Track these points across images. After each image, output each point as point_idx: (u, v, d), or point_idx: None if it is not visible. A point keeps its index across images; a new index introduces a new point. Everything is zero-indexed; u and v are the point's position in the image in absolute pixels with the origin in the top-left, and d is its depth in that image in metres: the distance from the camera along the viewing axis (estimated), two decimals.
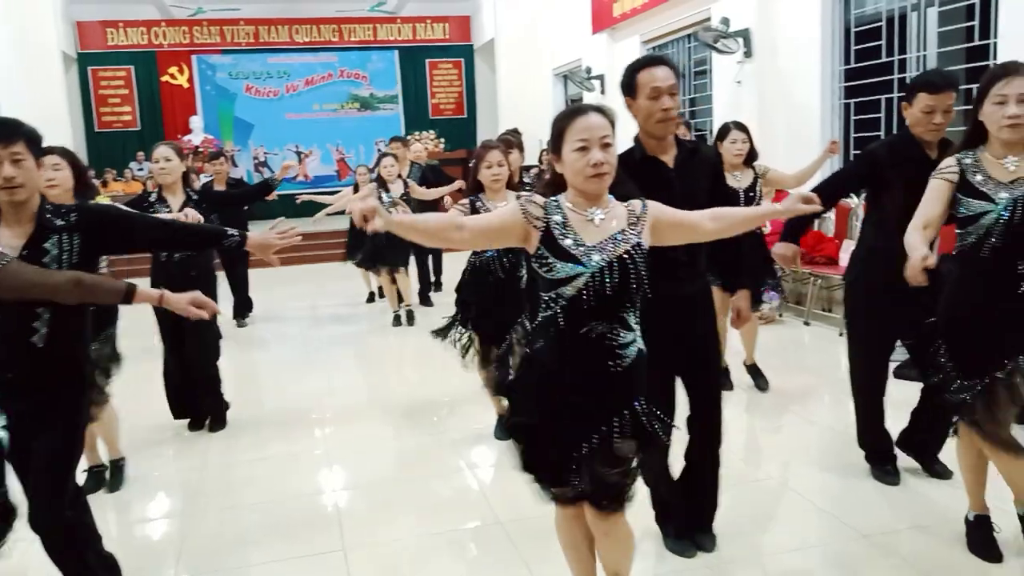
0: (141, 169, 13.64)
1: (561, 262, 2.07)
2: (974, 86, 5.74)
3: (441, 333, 4.26)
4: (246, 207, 7.52)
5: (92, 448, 3.80)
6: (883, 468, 3.44)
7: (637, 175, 2.41)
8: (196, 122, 15.54)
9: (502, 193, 3.87)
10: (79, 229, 2.40)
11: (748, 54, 7.84)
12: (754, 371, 4.89)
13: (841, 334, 5.99)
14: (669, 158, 2.66)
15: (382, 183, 6.92)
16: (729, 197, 2.90)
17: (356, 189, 7.77)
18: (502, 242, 2.23)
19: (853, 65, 6.90)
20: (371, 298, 8.42)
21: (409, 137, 12.88)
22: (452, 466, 3.98)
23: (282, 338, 7.44)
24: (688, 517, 2.95)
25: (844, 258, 5.83)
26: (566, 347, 2.10)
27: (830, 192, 3.24)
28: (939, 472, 3.40)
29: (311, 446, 4.37)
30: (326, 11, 15.95)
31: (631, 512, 2.24)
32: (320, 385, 5.53)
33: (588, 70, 11.31)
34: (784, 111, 7.46)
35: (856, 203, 6.49)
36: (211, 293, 4.44)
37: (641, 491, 2.35)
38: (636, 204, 2.17)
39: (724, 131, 4.62)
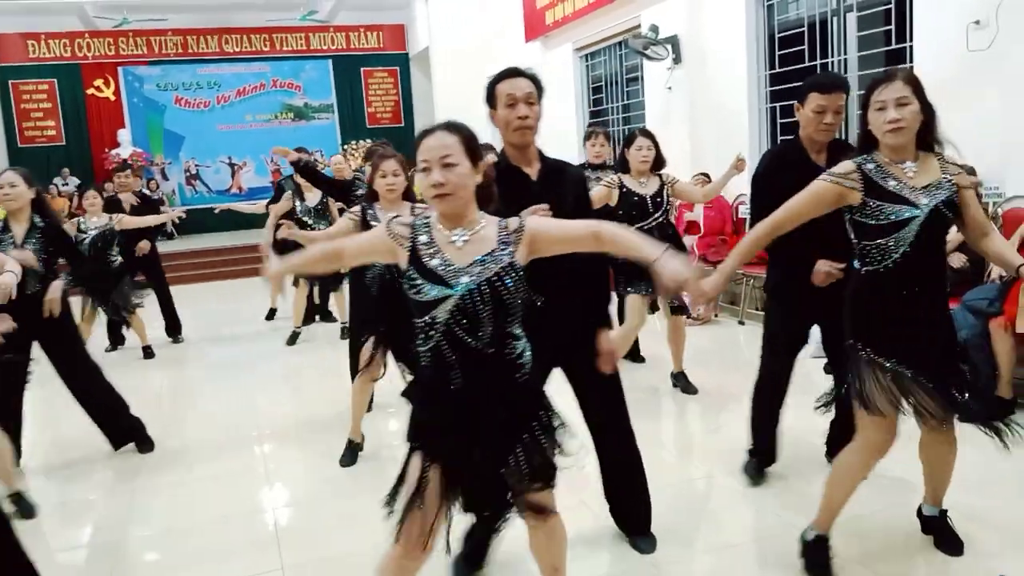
0: (66, 184, 13.21)
1: (429, 283, 2.04)
2: None
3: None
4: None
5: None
6: (759, 469, 3.54)
7: (499, 184, 2.37)
8: (124, 135, 15.13)
9: (398, 204, 3.83)
10: None
11: (677, 60, 7.99)
12: (682, 379, 4.94)
13: None
14: (532, 171, 2.68)
15: (299, 192, 6.84)
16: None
17: (276, 198, 7.66)
18: (379, 259, 2.26)
19: (778, 70, 7.09)
20: (271, 315, 8.29)
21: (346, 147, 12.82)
22: (386, 479, 3.90)
23: (206, 356, 7.29)
24: (623, 524, 3.00)
25: None
26: (459, 375, 2.06)
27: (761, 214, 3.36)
28: None
29: (242, 466, 4.27)
30: (256, 20, 15.71)
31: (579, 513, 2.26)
32: (246, 403, 5.43)
33: None
34: (713, 115, 7.62)
35: None
36: (68, 318, 4.24)
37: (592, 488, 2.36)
38: (512, 222, 2.12)
39: (630, 138, 4.65)
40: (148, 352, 7.00)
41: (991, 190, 4.93)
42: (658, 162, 4.62)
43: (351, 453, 4.08)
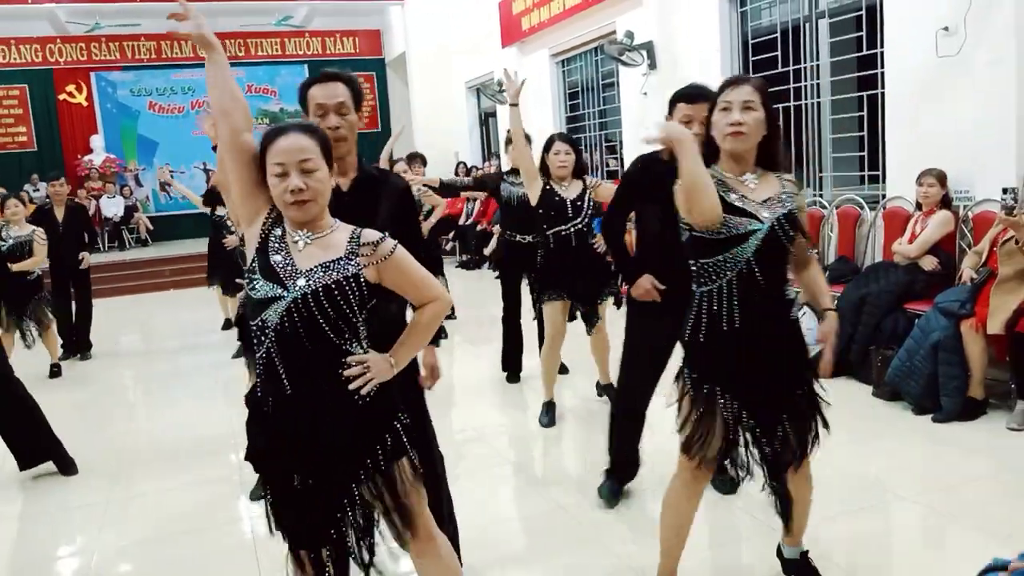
0: (37, 190, 13.00)
1: (264, 280, 1.92)
2: (864, 93, 6.01)
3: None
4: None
5: None
6: (618, 483, 3.49)
7: None
8: (97, 141, 14.95)
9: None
10: None
11: (652, 66, 8.04)
12: (610, 390, 4.61)
13: None
14: (345, 181, 2.44)
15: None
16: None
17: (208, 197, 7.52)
18: (247, 203, 2.03)
19: (752, 75, 7.15)
20: (227, 325, 8.07)
21: None
22: (231, 516, 3.78)
23: (177, 363, 7.22)
24: None
25: None
26: (292, 393, 1.93)
27: (616, 223, 3.42)
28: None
29: (216, 475, 4.23)
30: (230, 25, 15.57)
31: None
32: (218, 411, 5.32)
33: (500, 83, 11.37)
34: None
35: None
36: None
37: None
38: (368, 234, 1.99)
39: (548, 143, 4.52)
40: (56, 370, 6.71)
41: (961, 194, 5.00)
42: (579, 168, 4.52)
43: (263, 486, 3.84)
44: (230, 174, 2.05)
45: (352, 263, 1.95)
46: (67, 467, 4.36)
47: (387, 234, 2.04)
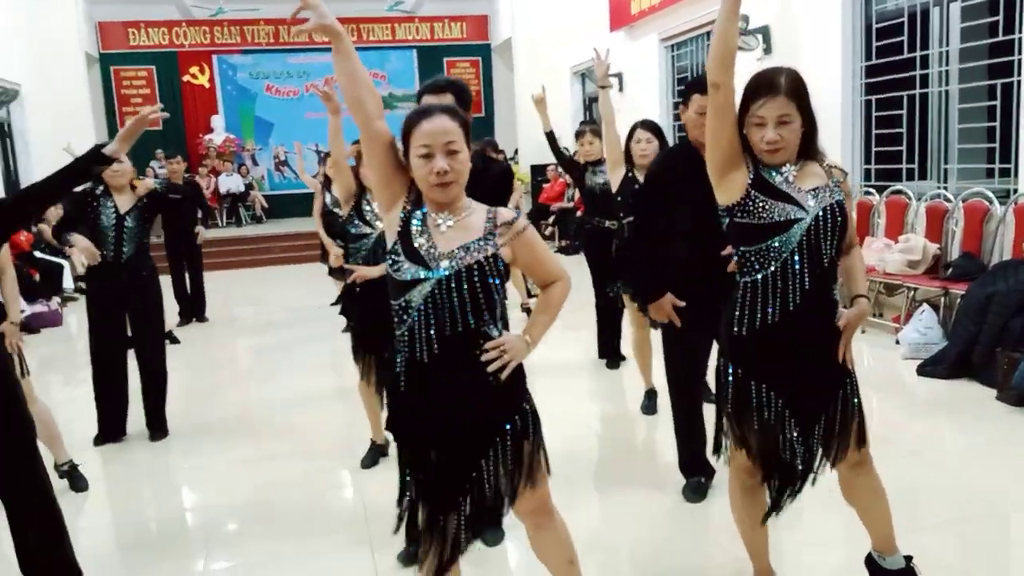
0: (163, 167, 13.76)
1: (409, 263, 1.99)
2: (997, 81, 5.68)
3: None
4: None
5: None
6: (696, 481, 3.41)
7: None
8: (217, 121, 15.67)
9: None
10: None
11: (768, 51, 7.81)
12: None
13: (863, 331, 5.98)
14: None
15: (328, 182, 6.82)
16: None
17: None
18: (387, 188, 2.09)
19: (874, 62, 6.86)
20: (339, 300, 8.33)
21: None
22: (342, 481, 3.96)
23: (240, 341, 7.55)
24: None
25: (867, 255, 5.79)
26: (430, 371, 2.00)
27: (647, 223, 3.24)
28: None
29: (330, 443, 4.41)
30: (345, 11, 15.98)
31: None
32: (327, 381, 5.56)
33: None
34: None
35: (878, 199, 6.46)
36: (159, 295, 4.63)
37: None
38: (503, 213, 2.07)
39: (631, 130, 4.38)
40: (173, 338, 7.07)
41: None
42: None
43: (372, 455, 4.00)
44: (367, 161, 2.13)
45: (490, 243, 2.01)
46: (158, 432, 4.64)
47: (519, 213, 2.11)
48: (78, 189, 3.45)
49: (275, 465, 4.14)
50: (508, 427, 2.06)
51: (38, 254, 9.44)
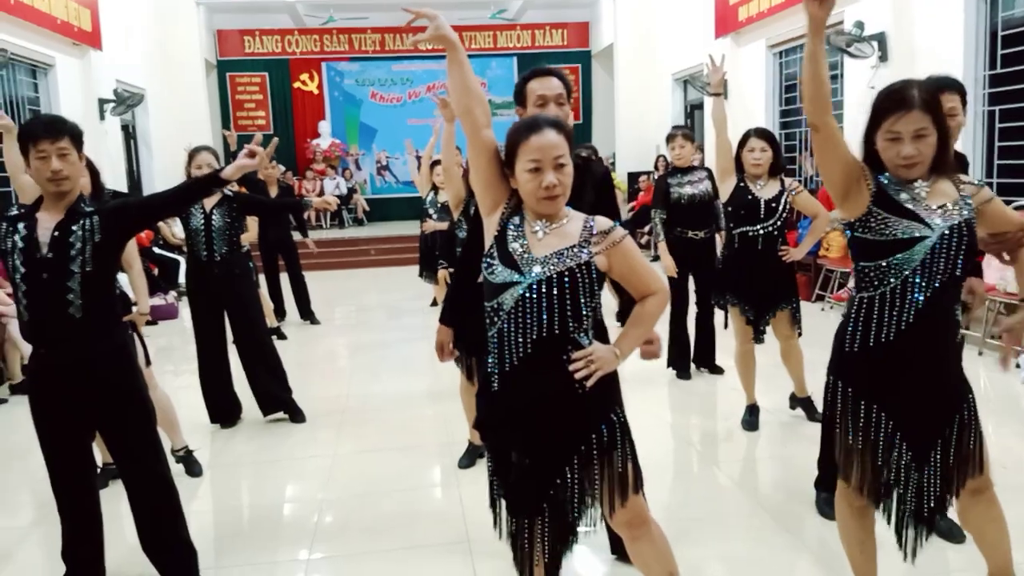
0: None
1: (503, 266, 2.02)
2: None
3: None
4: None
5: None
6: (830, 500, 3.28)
7: None
8: (324, 127, 16.20)
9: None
10: (99, 213, 2.66)
11: (883, 58, 7.54)
12: (807, 404, 4.48)
13: (980, 353, 5.67)
14: None
15: (436, 190, 6.79)
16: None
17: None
18: (488, 194, 2.13)
19: (999, 71, 6.51)
20: (435, 302, 8.40)
21: None
22: (440, 480, 4.03)
23: (340, 339, 7.70)
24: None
25: (988, 274, 5.50)
26: (518, 375, 2.02)
27: None
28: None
29: (430, 440, 4.49)
30: (449, 19, 15.68)
31: None
32: (421, 380, 5.66)
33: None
34: None
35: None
36: (252, 291, 4.93)
37: None
38: (601, 221, 2.07)
39: (744, 139, 4.25)
40: (279, 333, 7.40)
41: None
42: (777, 166, 4.24)
43: (470, 455, 4.04)
44: (472, 167, 2.17)
45: (585, 251, 2.02)
46: (297, 416, 4.90)
47: (617, 223, 2.09)
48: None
49: (375, 459, 4.26)
50: (594, 436, 2.06)
51: (156, 250, 9.98)
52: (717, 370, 5.52)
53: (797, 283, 4.49)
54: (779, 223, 4.18)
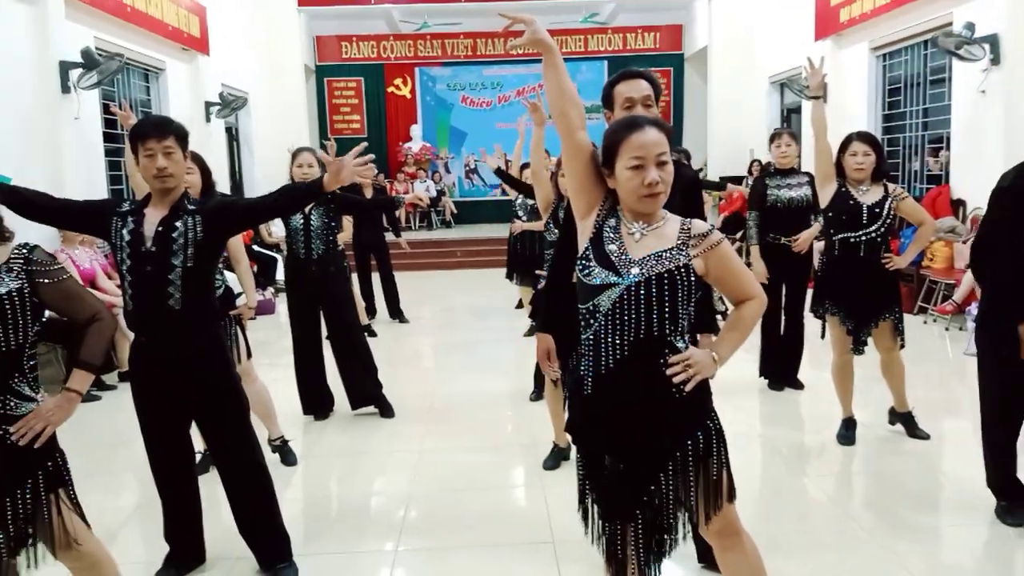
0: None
1: (600, 268, 2.01)
2: None
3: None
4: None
5: None
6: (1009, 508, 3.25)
7: None
8: (416, 130, 16.50)
9: None
10: (202, 212, 2.76)
11: (995, 61, 7.17)
12: (907, 420, 4.33)
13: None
14: None
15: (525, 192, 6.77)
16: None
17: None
18: (583, 197, 2.13)
19: None
20: (520, 304, 8.33)
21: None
22: (525, 480, 4.03)
23: (426, 339, 7.81)
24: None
25: None
26: (612, 377, 2.00)
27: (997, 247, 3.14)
28: None
29: (515, 441, 4.52)
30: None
31: None
32: (503, 383, 5.67)
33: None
34: None
35: None
36: (347, 289, 5.04)
37: None
38: (698, 225, 2.05)
39: (845, 142, 4.10)
40: (370, 331, 7.51)
41: None
42: (880, 171, 4.06)
43: (555, 457, 4.04)
44: (566, 170, 2.18)
45: (683, 253, 2.00)
46: (387, 411, 5.02)
47: (713, 226, 2.07)
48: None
49: (460, 457, 4.31)
50: (690, 443, 2.03)
51: (255, 248, 10.37)
52: (797, 385, 5.35)
53: (901, 293, 4.31)
54: (883, 229, 4.02)
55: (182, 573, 3.03)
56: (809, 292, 4.62)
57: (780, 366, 5.37)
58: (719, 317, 2.69)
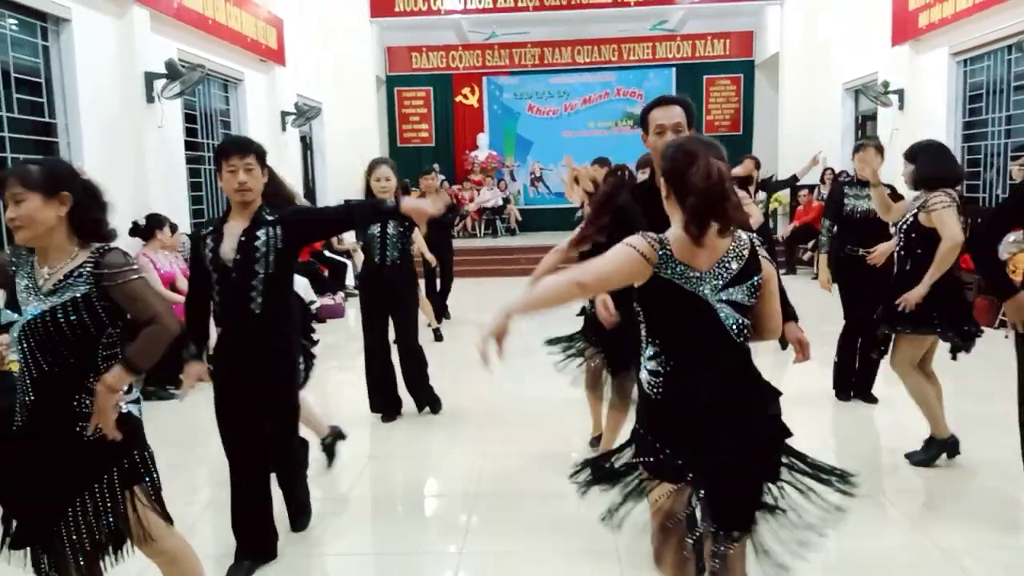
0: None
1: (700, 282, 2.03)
2: None
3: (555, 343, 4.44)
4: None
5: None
6: None
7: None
8: (482, 139, 16.64)
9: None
10: (280, 223, 2.99)
11: None
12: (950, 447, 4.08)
13: None
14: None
15: None
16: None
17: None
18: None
19: None
20: (582, 312, 8.36)
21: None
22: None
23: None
24: None
25: None
26: (704, 397, 2.01)
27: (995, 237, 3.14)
28: None
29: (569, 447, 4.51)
30: (608, 31, 16.34)
31: None
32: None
33: (885, 84, 10.52)
34: None
35: None
36: (415, 296, 5.25)
37: None
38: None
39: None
40: (438, 335, 7.78)
41: None
42: (922, 178, 3.93)
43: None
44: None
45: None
46: (435, 405, 5.22)
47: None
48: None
49: (523, 462, 4.32)
50: (781, 462, 2.09)
51: (327, 253, 10.60)
52: (871, 399, 5.18)
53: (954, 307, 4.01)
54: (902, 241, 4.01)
55: (253, 568, 3.12)
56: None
57: (854, 378, 5.22)
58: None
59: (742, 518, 2.03)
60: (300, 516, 3.42)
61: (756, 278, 2.03)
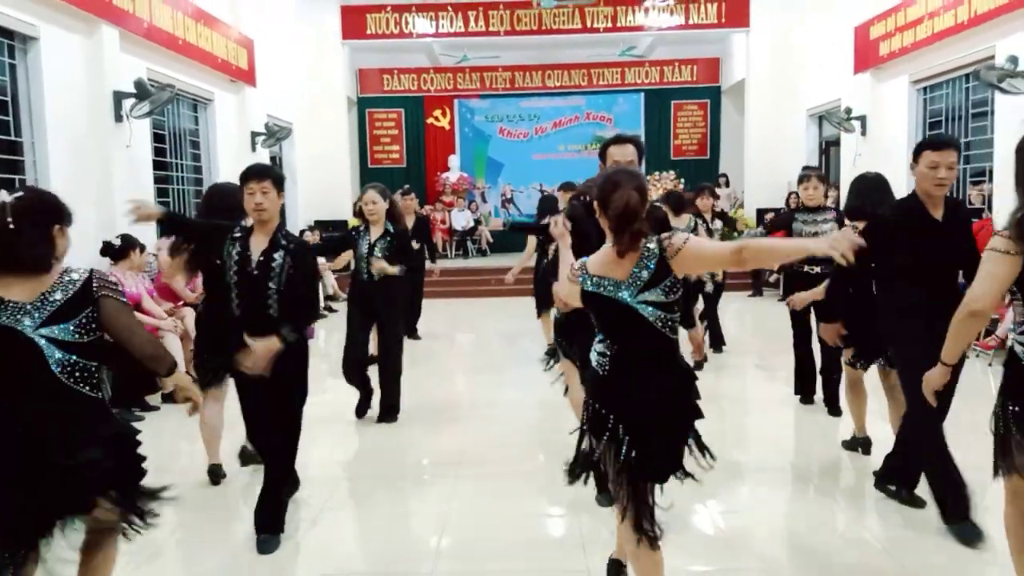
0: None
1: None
2: None
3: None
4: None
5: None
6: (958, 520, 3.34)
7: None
8: (453, 161, 16.71)
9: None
10: (292, 254, 3.42)
11: None
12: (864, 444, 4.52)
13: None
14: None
15: None
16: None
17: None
18: None
19: None
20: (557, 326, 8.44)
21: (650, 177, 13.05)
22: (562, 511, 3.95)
23: (456, 360, 7.77)
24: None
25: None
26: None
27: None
28: None
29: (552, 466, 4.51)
30: (578, 56, 16.56)
31: None
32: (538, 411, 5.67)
33: (848, 111, 10.78)
34: None
35: None
36: (398, 311, 5.55)
37: None
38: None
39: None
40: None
41: None
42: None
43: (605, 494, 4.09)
44: None
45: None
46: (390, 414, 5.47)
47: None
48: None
49: (496, 482, 4.30)
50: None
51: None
52: (838, 412, 5.30)
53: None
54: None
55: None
56: None
57: (812, 383, 5.58)
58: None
59: (661, 471, 2.50)
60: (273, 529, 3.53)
61: (668, 279, 2.38)
